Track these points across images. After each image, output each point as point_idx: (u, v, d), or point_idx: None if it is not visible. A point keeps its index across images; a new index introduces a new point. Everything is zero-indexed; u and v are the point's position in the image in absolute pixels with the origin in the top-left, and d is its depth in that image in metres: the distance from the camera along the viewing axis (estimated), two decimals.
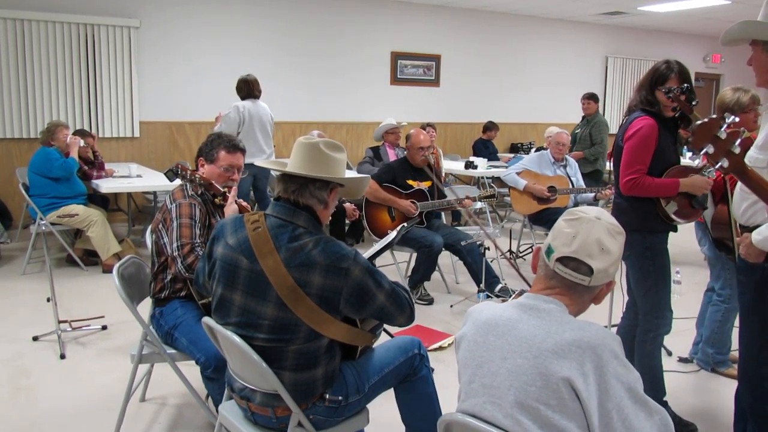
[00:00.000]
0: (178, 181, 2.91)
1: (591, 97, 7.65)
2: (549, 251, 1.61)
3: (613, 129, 11.76)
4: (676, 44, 12.17)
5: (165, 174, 2.90)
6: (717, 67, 12.90)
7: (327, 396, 2.10)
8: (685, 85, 2.67)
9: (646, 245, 2.93)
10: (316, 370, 2.06)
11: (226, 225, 2.16)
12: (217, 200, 2.88)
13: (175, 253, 2.67)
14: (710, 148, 1.83)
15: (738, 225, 2.43)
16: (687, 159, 7.29)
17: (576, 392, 1.45)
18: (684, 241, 3.32)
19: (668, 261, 2.99)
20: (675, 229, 3.00)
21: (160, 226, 2.84)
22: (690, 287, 5.15)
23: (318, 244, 1.99)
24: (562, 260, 1.58)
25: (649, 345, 3.01)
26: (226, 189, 2.89)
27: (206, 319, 2.19)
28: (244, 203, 2.89)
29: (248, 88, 6.16)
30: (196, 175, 2.84)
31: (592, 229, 1.57)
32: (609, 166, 7.33)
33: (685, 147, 7.44)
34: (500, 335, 1.58)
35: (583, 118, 7.71)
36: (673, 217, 2.90)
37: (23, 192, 5.69)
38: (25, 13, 7.10)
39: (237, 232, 2.09)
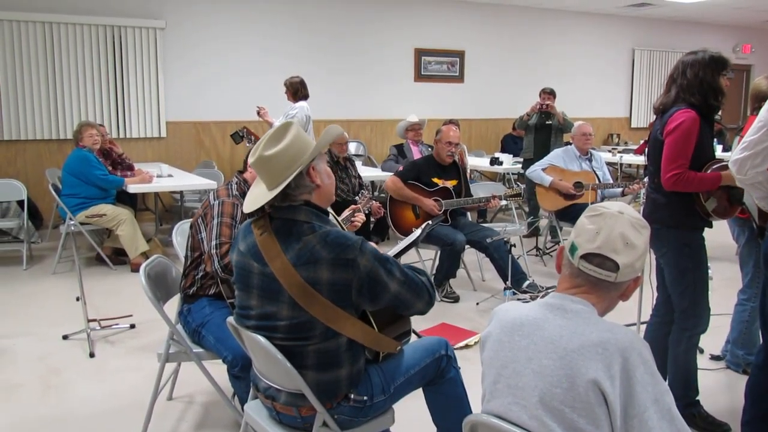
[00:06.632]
0: (209, 183, 2.88)
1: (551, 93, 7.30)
2: (573, 249, 1.57)
3: (641, 123, 11.61)
4: (705, 35, 11.93)
5: (231, 136, 2.87)
6: (747, 58, 12.63)
7: (352, 396, 2.09)
8: None
9: (684, 242, 2.86)
10: (339, 369, 2.05)
11: (240, 232, 2.19)
12: None
13: (213, 251, 2.67)
14: None
15: None
16: (719, 153, 7.14)
17: (603, 395, 1.41)
18: (716, 235, 3.23)
19: (706, 258, 2.91)
20: (711, 225, 2.93)
21: (200, 220, 2.84)
22: (721, 283, 5.03)
23: (321, 238, 1.97)
24: (587, 257, 1.54)
25: (684, 344, 2.94)
26: None
27: (230, 319, 2.20)
28: None
29: (305, 90, 6.52)
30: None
31: (616, 223, 1.54)
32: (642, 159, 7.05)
33: (716, 140, 7.27)
34: (526, 335, 1.55)
35: (545, 113, 7.15)
36: (712, 213, 2.84)
37: (53, 192, 5.78)
38: (54, 16, 7.22)
39: (246, 238, 2.11)
